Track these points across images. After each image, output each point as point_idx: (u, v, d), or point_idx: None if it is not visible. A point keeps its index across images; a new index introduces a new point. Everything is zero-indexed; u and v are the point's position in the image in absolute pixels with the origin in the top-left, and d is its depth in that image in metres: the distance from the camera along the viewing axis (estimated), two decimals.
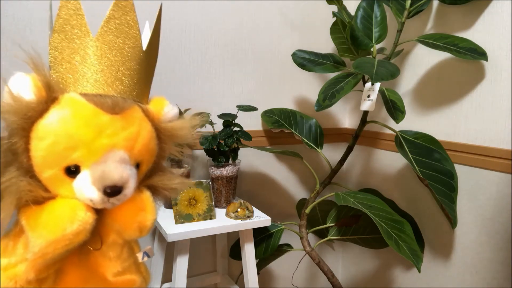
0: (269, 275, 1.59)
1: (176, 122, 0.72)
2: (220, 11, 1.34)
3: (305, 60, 1.27)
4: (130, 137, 0.63)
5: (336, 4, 1.19)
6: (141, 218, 0.67)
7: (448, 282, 1.24)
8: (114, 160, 0.61)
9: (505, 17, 1.06)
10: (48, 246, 0.58)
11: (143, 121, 0.66)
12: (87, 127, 0.59)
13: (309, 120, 1.41)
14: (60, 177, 0.60)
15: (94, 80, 0.62)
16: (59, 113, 0.59)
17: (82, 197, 0.61)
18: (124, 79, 0.65)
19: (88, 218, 0.60)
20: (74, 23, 0.62)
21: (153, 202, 0.70)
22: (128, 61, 0.65)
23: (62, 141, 0.58)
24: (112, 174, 0.59)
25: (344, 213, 1.37)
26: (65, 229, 0.58)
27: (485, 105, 1.12)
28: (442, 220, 1.25)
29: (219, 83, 1.37)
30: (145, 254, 0.74)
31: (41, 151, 0.59)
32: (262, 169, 1.49)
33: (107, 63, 0.63)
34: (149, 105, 0.70)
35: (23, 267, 0.60)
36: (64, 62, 0.62)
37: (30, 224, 0.59)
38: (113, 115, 0.61)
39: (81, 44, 0.62)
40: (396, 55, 1.26)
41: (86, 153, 0.59)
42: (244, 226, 1.11)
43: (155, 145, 0.69)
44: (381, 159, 1.48)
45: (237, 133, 1.21)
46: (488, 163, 1.10)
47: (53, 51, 0.62)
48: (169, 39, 1.27)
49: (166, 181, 0.73)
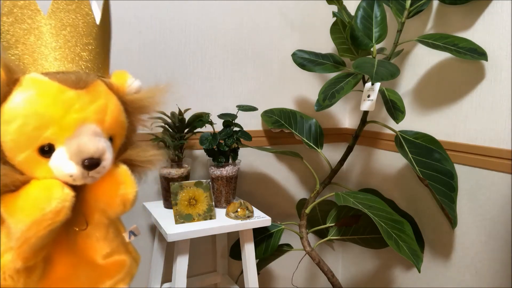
0: (269, 275, 1.59)
1: (140, 93, 0.72)
2: (220, 11, 1.34)
3: (305, 60, 1.27)
4: (99, 110, 0.63)
5: (336, 4, 1.19)
6: (122, 192, 0.68)
7: (448, 282, 1.24)
8: (87, 133, 0.61)
9: (505, 17, 1.06)
10: (29, 229, 0.57)
11: (108, 94, 0.66)
12: (55, 104, 0.59)
13: (309, 120, 1.41)
14: (35, 159, 0.60)
15: (53, 58, 0.62)
16: (23, 94, 0.59)
17: (60, 174, 0.61)
18: (83, 54, 0.65)
19: (65, 196, 0.60)
20: (22, 4, 0.61)
21: (131, 175, 0.70)
22: (83, 37, 0.65)
23: (31, 122, 0.58)
24: (88, 146, 0.60)
25: (344, 213, 1.37)
26: (43, 209, 0.58)
27: (485, 105, 1.12)
28: (442, 220, 1.25)
29: (219, 83, 1.37)
30: (131, 233, 0.74)
31: (10, 135, 0.58)
32: (262, 169, 1.49)
33: (63, 40, 0.63)
34: (111, 79, 0.71)
35: (9, 257, 0.59)
36: (18, 44, 0.62)
37: (8, 210, 0.59)
38: (79, 90, 0.61)
39: (33, 24, 0.62)
40: (396, 55, 1.26)
41: (58, 130, 0.59)
42: (244, 226, 1.11)
43: (124, 117, 0.69)
44: (381, 159, 1.48)
45: (237, 133, 1.21)
46: (488, 163, 1.10)
47: (5, 35, 0.62)
48: (169, 39, 1.27)
49: (141, 153, 0.74)
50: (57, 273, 0.66)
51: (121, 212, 0.69)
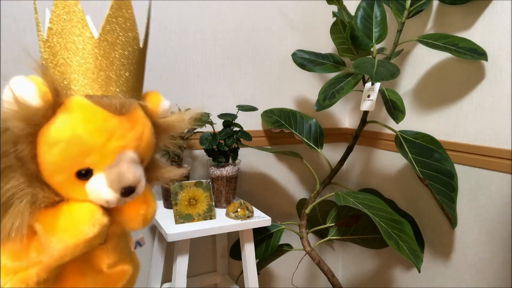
0: (269, 275, 1.59)
1: (173, 117, 0.73)
2: (220, 11, 1.34)
3: (305, 60, 1.27)
4: (137, 137, 0.64)
5: (336, 4, 1.19)
6: (144, 211, 0.70)
7: (448, 282, 1.24)
8: (126, 161, 0.62)
9: (505, 17, 1.05)
10: (68, 250, 0.59)
11: (145, 119, 0.67)
12: (99, 131, 0.59)
13: (309, 120, 1.41)
14: (72, 181, 0.61)
15: (97, 81, 0.62)
16: (68, 118, 0.58)
17: (98, 199, 0.62)
18: (125, 78, 0.65)
19: (105, 221, 0.62)
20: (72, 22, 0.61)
21: (153, 195, 0.73)
22: (128, 61, 0.65)
23: (74, 148, 0.58)
24: (127, 175, 0.61)
25: (344, 213, 1.37)
26: (87, 234, 0.59)
27: (485, 105, 1.12)
28: (442, 220, 1.25)
29: (219, 83, 1.37)
30: (137, 244, 0.76)
31: (53, 157, 0.58)
32: (262, 169, 1.49)
33: (108, 63, 0.63)
34: (145, 101, 0.71)
35: (34, 270, 0.61)
36: (63, 63, 0.61)
37: (47, 229, 0.60)
38: (121, 117, 0.62)
39: (80, 44, 0.61)
40: (396, 55, 1.26)
41: (99, 157, 0.60)
42: (244, 226, 1.11)
43: (154, 140, 0.70)
44: (381, 159, 1.48)
45: (237, 133, 1.21)
46: (488, 163, 1.10)
47: (48, 50, 0.61)
48: (169, 39, 1.27)
49: (165, 174, 0.76)
50: (68, 280, 0.68)
51: (138, 229, 0.72)
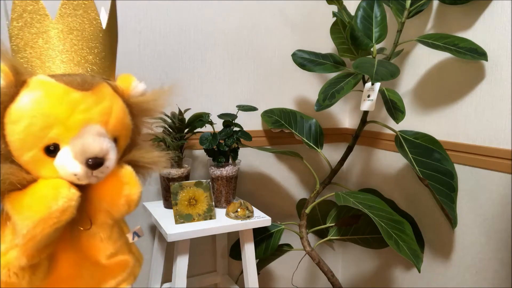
0: (269, 275, 1.59)
1: (145, 96, 0.74)
2: (220, 11, 1.34)
3: (305, 60, 1.27)
4: (104, 112, 0.65)
5: (336, 4, 1.19)
6: (127, 192, 0.69)
7: (448, 282, 1.24)
8: (91, 133, 0.62)
9: (505, 17, 1.06)
10: (36, 227, 0.58)
11: (113, 96, 0.68)
12: (61, 104, 0.61)
13: (309, 120, 1.41)
14: (40, 158, 0.62)
15: (60, 61, 0.65)
16: (30, 95, 0.61)
17: (65, 173, 0.62)
18: (89, 57, 0.67)
19: (72, 195, 0.62)
20: (31, 8, 0.63)
21: (136, 175, 0.71)
22: (90, 41, 0.67)
23: (37, 122, 0.60)
24: (92, 146, 0.61)
25: (344, 213, 1.37)
26: (50, 207, 0.59)
27: (485, 105, 1.12)
28: (442, 220, 1.25)
29: (219, 83, 1.37)
30: (135, 234, 0.75)
31: (17, 134, 0.60)
32: (262, 169, 1.49)
33: (70, 43, 0.65)
34: (116, 81, 0.72)
35: (14, 253, 0.61)
36: (27, 47, 0.64)
37: (15, 208, 0.60)
38: (84, 92, 0.63)
39: (41, 28, 0.64)
40: (396, 55, 1.26)
41: (63, 130, 0.61)
42: (244, 226, 1.11)
43: (129, 120, 0.71)
44: (381, 159, 1.48)
45: (237, 133, 1.21)
46: (488, 163, 1.10)
47: (14, 38, 0.64)
48: (169, 39, 1.27)
49: (145, 154, 0.75)
50: (62, 272, 0.67)
51: (125, 213, 0.70)
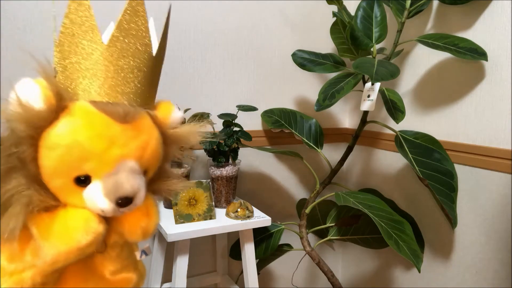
0: (269, 275, 1.59)
1: (183, 128, 0.72)
2: (220, 11, 1.34)
3: (305, 60, 1.27)
4: (141, 146, 0.62)
5: (336, 4, 1.19)
6: (144, 224, 0.68)
7: (448, 282, 1.24)
8: (125, 170, 0.60)
9: (505, 17, 1.05)
10: (61, 256, 0.58)
11: (152, 129, 0.65)
12: (99, 138, 0.58)
13: (309, 120, 1.41)
14: (70, 187, 0.60)
15: (105, 87, 0.61)
16: (70, 123, 0.58)
17: (93, 207, 0.61)
18: (134, 86, 0.63)
19: (100, 230, 0.61)
20: (83, 27, 0.60)
21: (157, 207, 0.71)
22: (138, 68, 0.63)
23: (73, 152, 0.57)
24: (125, 185, 0.59)
25: (344, 213, 1.37)
26: (80, 241, 0.58)
27: (485, 105, 1.12)
28: (442, 220, 1.25)
29: (219, 83, 1.37)
30: (143, 253, 0.75)
31: (51, 161, 0.58)
32: (262, 169, 1.49)
33: (117, 70, 0.61)
34: (156, 110, 0.69)
35: (30, 273, 0.60)
36: (71, 67, 0.60)
37: (42, 233, 0.59)
38: (124, 125, 0.60)
39: (90, 49, 0.60)
40: (396, 55, 1.26)
41: (98, 164, 0.58)
42: (244, 226, 1.11)
43: (161, 151, 0.68)
44: (381, 159, 1.48)
45: (237, 133, 1.21)
46: (488, 163, 1.10)
47: (59, 54, 0.61)
48: (170, 39, 1.27)
49: (172, 186, 0.74)
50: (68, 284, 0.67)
51: (138, 241, 0.70)
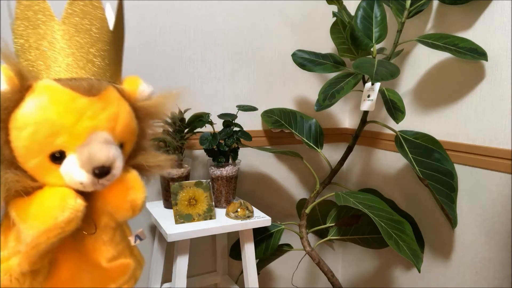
0: (269, 275, 1.59)
1: (152, 100, 0.72)
2: (220, 11, 1.34)
3: (305, 60, 1.27)
4: (111, 117, 0.63)
5: (336, 4, 1.19)
6: (132, 197, 0.68)
7: (448, 282, 1.24)
8: (98, 141, 0.61)
9: (505, 17, 1.06)
10: (40, 236, 0.58)
11: (120, 101, 0.66)
12: (67, 112, 0.59)
13: (309, 120, 1.41)
14: (46, 165, 0.60)
15: (66, 64, 0.62)
16: (36, 101, 0.59)
17: (71, 181, 0.61)
18: (96, 60, 0.65)
19: (78, 206, 0.61)
20: (36, 8, 0.61)
21: (141, 180, 0.70)
22: (97, 42, 0.65)
23: (43, 129, 0.58)
24: (99, 155, 0.60)
25: (344, 213, 1.37)
26: (56, 218, 0.58)
27: (485, 105, 1.12)
28: (442, 220, 1.25)
29: (219, 83, 1.37)
30: (137, 237, 0.75)
31: (23, 141, 0.58)
32: (262, 169, 1.49)
33: (76, 45, 0.63)
34: (123, 84, 0.70)
35: (16, 260, 0.60)
36: (32, 49, 0.62)
37: (20, 215, 0.59)
38: (91, 97, 0.61)
39: (47, 29, 0.61)
40: (396, 55, 1.26)
41: (70, 138, 0.59)
42: (244, 226, 1.11)
43: (135, 124, 0.69)
44: (381, 159, 1.48)
45: (237, 133, 1.21)
46: (488, 163, 1.10)
47: (18, 39, 0.62)
48: (170, 39, 1.27)
49: (151, 159, 0.74)
50: (62, 275, 0.66)
51: (129, 217, 0.69)
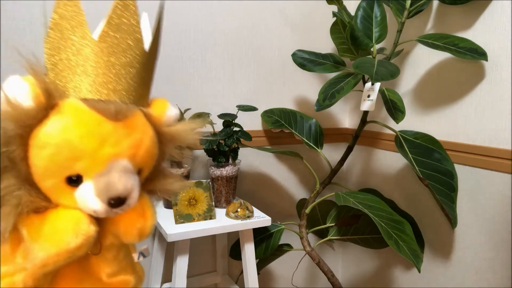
0: (269, 275, 1.59)
1: (178, 126, 0.69)
2: (220, 11, 1.34)
3: (305, 60, 1.27)
4: (134, 145, 0.60)
5: (336, 4, 1.19)
6: (140, 225, 0.67)
7: (448, 282, 1.24)
8: (117, 169, 0.58)
9: (505, 17, 1.05)
10: (50, 259, 0.57)
11: (145, 126, 0.63)
12: (90, 136, 0.56)
13: (309, 120, 1.41)
14: (62, 187, 0.59)
15: (96, 85, 0.59)
16: (60, 121, 0.56)
17: (85, 208, 0.59)
18: (126, 83, 0.62)
19: (91, 232, 0.59)
20: (72, 22, 0.59)
21: (153, 208, 0.69)
22: (130, 64, 0.62)
23: (64, 152, 0.56)
24: (117, 185, 0.57)
25: (344, 213, 1.37)
26: (69, 244, 0.57)
27: (485, 105, 1.12)
28: (442, 220, 1.25)
29: (219, 83, 1.37)
30: (141, 254, 0.74)
31: (42, 161, 0.56)
32: (262, 169, 1.49)
33: (108, 66, 0.60)
34: (150, 108, 0.68)
35: (21, 276, 0.59)
36: (62, 64, 0.59)
37: (32, 235, 0.58)
38: (116, 122, 0.58)
39: (80, 45, 0.59)
40: (396, 55, 1.26)
41: (90, 164, 0.57)
42: (244, 226, 1.11)
43: (157, 150, 0.67)
44: (381, 159, 1.48)
45: (237, 133, 1.21)
46: (488, 163, 1.10)
47: (49, 50, 0.59)
48: (170, 39, 1.27)
49: (168, 186, 0.72)
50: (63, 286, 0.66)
51: (135, 242, 0.68)
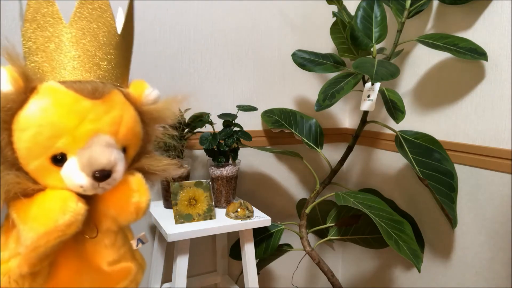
0: (269, 275, 1.59)
1: (158, 104, 0.72)
2: (220, 11, 1.34)
3: (305, 60, 1.27)
4: (114, 121, 0.63)
5: (336, 4, 1.19)
6: (136, 199, 0.67)
7: (448, 282, 1.24)
8: (100, 144, 0.60)
9: (505, 17, 1.06)
10: (40, 239, 0.57)
11: (125, 104, 0.66)
12: (70, 114, 0.59)
13: (309, 120, 1.41)
14: (47, 167, 0.60)
15: (71, 67, 0.62)
16: (39, 102, 0.59)
17: (71, 184, 0.61)
18: (102, 64, 0.65)
19: (79, 209, 0.60)
20: (45, 11, 0.61)
21: (145, 183, 0.70)
22: (104, 46, 0.65)
23: (45, 131, 0.58)
24: (100, 158, 0.59)
25: (344, 213, 1.37)
26: (57, 221, 0.58)
27: (485, 105, 1.12)
28: (442, 220, 1.25)
29: (219, 83, 1.37)
30: (139, 241, 0.74)
31: (24, 143, 0.58)
32: (262, 169, 1.49)
33: (83, 49, 0.63)
34: (129, 88, 0.70)
35: (15, 262, 0.60)
36: (39, 51, 0.62)
37: (21, 217, 0.59)
38: (94, 100, 0.61)
39: (54, 32, 0.62)
40: (396, 55, 1.26)
41: (71, 140, 0.59)
42: (244, 226, 1.11)
43: (139, 128, 0.69)
44: (381, 159, 1.48)
45: (237, 133, 1.21)
46: (488, 163, 1.10)
47: (26, 41, 0.62)
48: (170, 39, 1.27)
49: (155, 163, 0.73)
50: (61, 277, 0.66)
51: (132, 220, 0.69)
